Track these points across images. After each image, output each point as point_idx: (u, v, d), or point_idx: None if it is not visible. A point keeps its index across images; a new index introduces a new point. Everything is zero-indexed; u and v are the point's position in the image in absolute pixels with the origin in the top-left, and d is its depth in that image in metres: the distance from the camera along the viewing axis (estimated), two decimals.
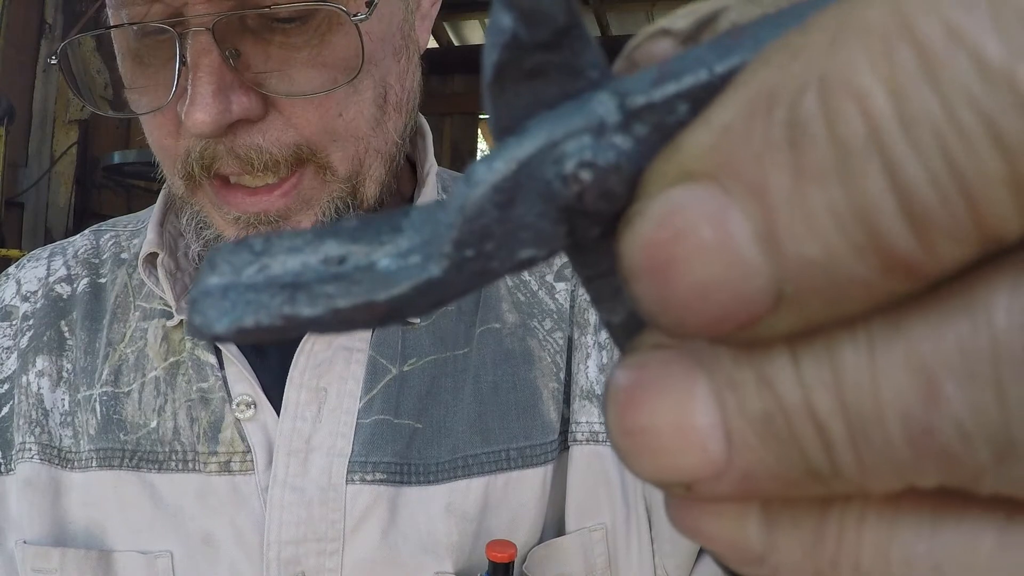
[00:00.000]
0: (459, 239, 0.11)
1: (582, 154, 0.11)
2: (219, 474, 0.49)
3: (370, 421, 0.48)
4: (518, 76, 0.11)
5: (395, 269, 0.11)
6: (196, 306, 0.12)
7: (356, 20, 0.42)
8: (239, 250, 0.12)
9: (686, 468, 0.11)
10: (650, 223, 0.10)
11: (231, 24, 0.41)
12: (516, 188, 0.11)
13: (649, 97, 0.11)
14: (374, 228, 0.12)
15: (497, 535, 0.48)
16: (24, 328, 0.54)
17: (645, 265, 0.10)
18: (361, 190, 0.47)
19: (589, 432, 0.50)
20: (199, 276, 0.12)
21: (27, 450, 0.51)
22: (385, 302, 0.11)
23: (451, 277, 0.11)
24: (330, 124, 0.44)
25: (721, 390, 0.11)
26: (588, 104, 0.11)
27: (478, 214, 0.11)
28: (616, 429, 0.11)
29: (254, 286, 0.12)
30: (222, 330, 0.11)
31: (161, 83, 0.44)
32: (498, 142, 0.12)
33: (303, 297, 0.11)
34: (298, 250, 0.12)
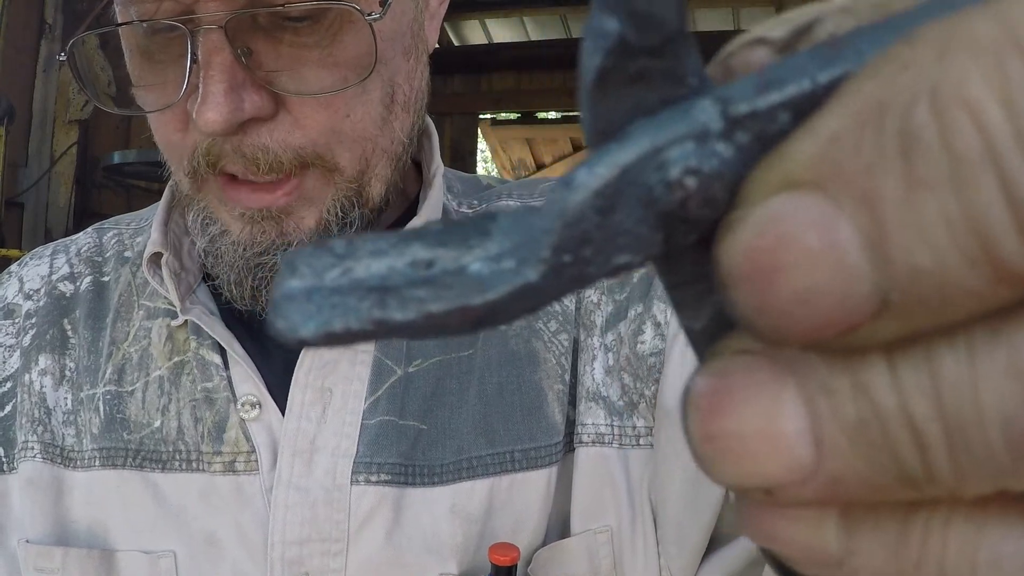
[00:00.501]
0: (558, 244, 0.11)
1: (687, 161, 0.11)
2: (223, 474, 0.48)
3: (375, 422, 0.48)
4: (619, 81, 0.11)
5: (488, 274, 0.11)
6: (279, 309, 0.11)
7: (370, 19, 0.42)
8: (319, 253, 0.12)
9: (771, 473, 0.11)
10: (753, 230, 0.10)
11: (242, 22, 0.41)
12: (617, 194, 0.11)
13: (752, 106, 0.11)
14: (461, 232, 0.12)
15: (501, 537, 0.48)
16: (27, 326, 0.54)
17: (746, 271, 0.10)
18: (367, 190, 0.47)
19: (595, 434, 0.50)
20: (278, 279, 0.12)
21: (29, 449, 0.51)
22: (480, 307, 0.11)
23: (547, 282, 0.11)
24: (337, 125, 0.44)
25: (813, 396, 0.11)
26: (691, 111, 0.11)
27: (579, 219, 0.11)
28: (698, 435, 0.11)
29: (339, 289, 0.11)
30: (309, 334, 0.11)
31: (170, 80, 0.43)
32: (596, 147, 0.12)
33: (393, 301, 0.11)
34: (383, 253, 0.12)
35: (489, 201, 0.57)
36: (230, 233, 0.46)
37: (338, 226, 0.47)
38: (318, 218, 0.46)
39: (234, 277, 0.47)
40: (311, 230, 0.46)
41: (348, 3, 0.41)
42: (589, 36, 0.11)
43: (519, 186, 0.60)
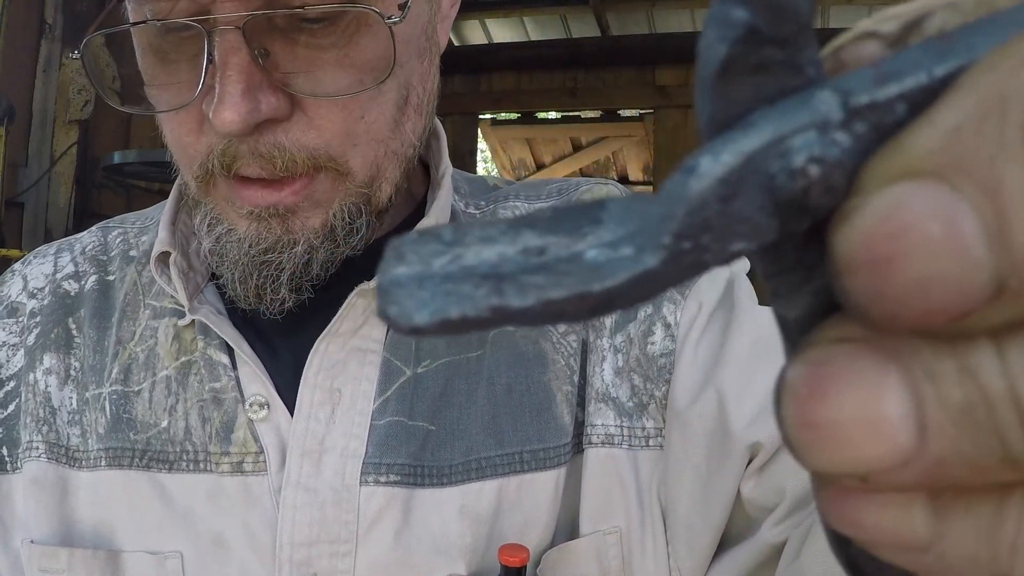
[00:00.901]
0: (680, 230, 0.11)
1: (810, 149, 0.11)
2: (231, 475, 0.48)
3: (384, 423, 0.48)
4: (742, 70, 0.11)
5: (605, 260, 0.11)
6: (389, 296, 0.11)
7: (390, 22, 0.42)
8: (427, 240, 0.12)
9: (871, 458, 0.11)
10: (872, 218, 0.11)
11: (259, 23, 0.41)
12: (741, 181, 0.11)
13: (872, 97, 0.11)
14: (571, 219, 0.12)
15: (510, 538, 0.48)
16: (31, 325, 0.54)
17: (864, 259, 0.11)
18: (377, 194, 0.47)
19: (604, 435, 0.49)
20: (384, 265, 0.12)
21: (34, 448, 0.51)
22: (600, 293, 0.11)
23: (666, 269, 0.11)
24: (351, 127, 0.44)
25: (917, 381, 0.11)
26: (812, 101, 0.11)
27: (701, 206, 0.11)
28: (796, 422, 0.12)
29: (450, 276, 0.11)
30: (423, 321, 0.11)
31: (184, 80, 0.43)
32: (714, 135, 0.12)
33: (511, 288, 0.11)
34: (493, 240, 0.12)
35: (497, 202, 0.57)
36: (235, 231, 0.46)
37: (344, 230, 0.46)
38: (324, 220, 0.46)
39: (238, 275, 0.47)
40: (316, 230, 0.46)
41: (367, 6, 0.41)
42: (715, 24, 0.12)
43: (525, 187, 0.59)
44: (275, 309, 0.47)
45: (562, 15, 4.24)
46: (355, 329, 0.49)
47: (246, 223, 0.46)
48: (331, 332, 0.49)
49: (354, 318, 0.49)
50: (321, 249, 0.46)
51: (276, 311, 0.48)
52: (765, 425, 0.46)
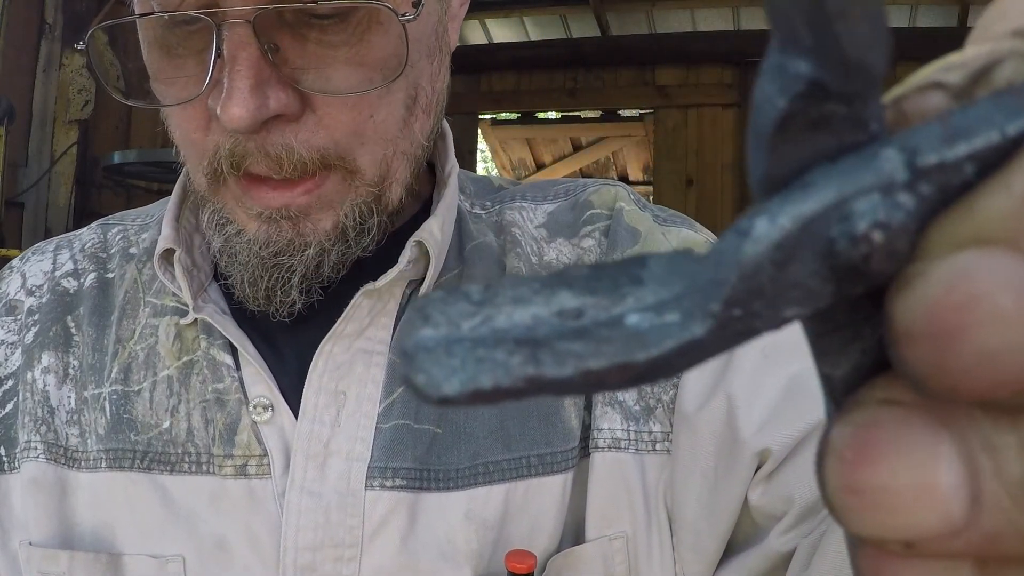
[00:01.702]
0: (731, 297, 0.11)
1: (875, 214, 0.11)
2: (234, 477, 0.48)
3: (390, 426, 0.48)
4: (800, 126, 0.11)
5: (648, 327, 0.10)
6: (416, 363, 0.11)
7: (403, 20, 0.41)
8: (454, 299, 0.11)
9: (920, 527, 0.11)
10: (937, 286, 0.10)
11: (269, 17, 0.40)
12: (797, 246, 0.11)
13: (940, 156, 0.11)
14: (609, 278, 0.11)
15: (516, 543, 0.47)
16: (29, 323, 0.53)
17: (928, 330, 0.10)
18: (387, 194, 0.47)
19: (611, 439, 0.49)
20: (409, 327, 0.11)
21: (32, 449, 0.50)
22: (644, 363, 0.10)
23: (714, 337, 0.11)
24: (361, 126, 0.43)
25: (975, 452, 0.10)
26: (875, 160, 0.11)
27: (755, 271, 0.11)
28: (840, 486, 0.11)
29: (481, 340, 0.10)
30: (453, 391, 0.10)
31: (191, 75, 0.43)
32: (769, 194, 0.11)
33: (547, 356, 0.10)
34: (526, 301, 0.11)
35: (503, 202, 0.57)
36: (245, 232, 0.46)
37: (355, 231, 0.46)
38: (335, 221, 0.45)
39: (248, 277, 0.46)
40: (328, 232, 0.45)
41: (380, 2, 0.41)
42: (773, 76, 0.11)
43: (532, 188, 0.59)
44: (284, 311, 0.47)
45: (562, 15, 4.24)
46: (360, 330, 0.49)
47: (256, 224, 0.45)
48: (336, 334, 0.48)
49: (359, 319, 0.48)
50: (333, 251, 0.46)
51: (285, 313, 0.47)
52: (774, 432, 0.45)
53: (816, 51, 0.11)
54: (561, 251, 0.53)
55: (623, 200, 0.55)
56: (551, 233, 0.54)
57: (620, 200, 0.55)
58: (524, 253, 0.53)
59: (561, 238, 0.54)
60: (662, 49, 4.03)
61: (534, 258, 0.53)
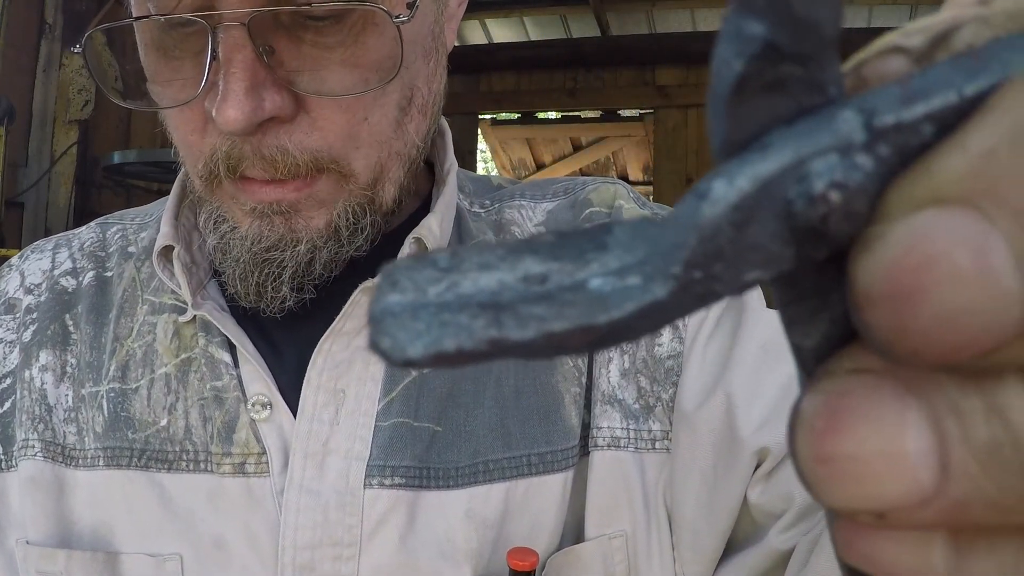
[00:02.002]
0: (690, 259, 0.11)
1: (832, 174, 0.11)
2: (233, 476, 0.48)
3: (389, 424, 0.48)
4: (758, 88, 0.11)
5: (610, 290, 0.10)
6: (381, 326, 0.11)
7: (398, 21, 0.41)
8: (421, 266, 0.11)
9: (889, 496, 0.10)
10: (896, 248, 0.10)
11: (264, 19, 0.40)
12: (755, 207, 0.10)
13: (898, 117, 0.11)
14: (575, 245, 0.11)
15: (517, 542, 0.47)
16: (27, 321, 0.53)
17: (887, 291, 0.10)
18: (380, 196, 0.47)
19: (610, 437, 0.49)
20: (377, 293, 0.11)
21: (30, 447, 0.50)
22: (605, 325, 0.10)
23: (675, 299, 0.11)
24: (354, 129, 0.43)
25: (940, 417, 0.10)
26: (833, 121, 0.11)
27: (714, 233, 0.10)
28: (810, 456, 0.11)
29: (446, 305, 0.11)
30: (417, 354, 0.10)
31: (187, 77, 0.43)
32: (728, 157, 0.11)
33: (509, 319, 0.10)
34: (491, 267, 0.11)
35: (502, 201, 0.57)
36: (239, 229, 0.46)
37: (348, 230, 0.46)
38: (328, 220, 0.45)
39: (240, 272, 0.46)
40: (320, 230, 0.45)
41: (375, 4, 0.41)
42: (729, 39, 0.11)
43: (531, 186, 0.59)
44: (275, 307, 0.47)
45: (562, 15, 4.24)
46: (359, 328, 0.48)
47: (249, 220, 0.45)
48: (335, 331, 0.48)
49: (358, 317, 0.48)
50: (325, 249, 0.46)
51: (276, 309, 0.47)
52: (773, 430, 0.45)
53: (768, 11, 0.11)
54: None
55: (622, 198, 0.55)
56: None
57: (619, 198, 0.55)
58: None
59: None
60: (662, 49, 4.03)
61: None
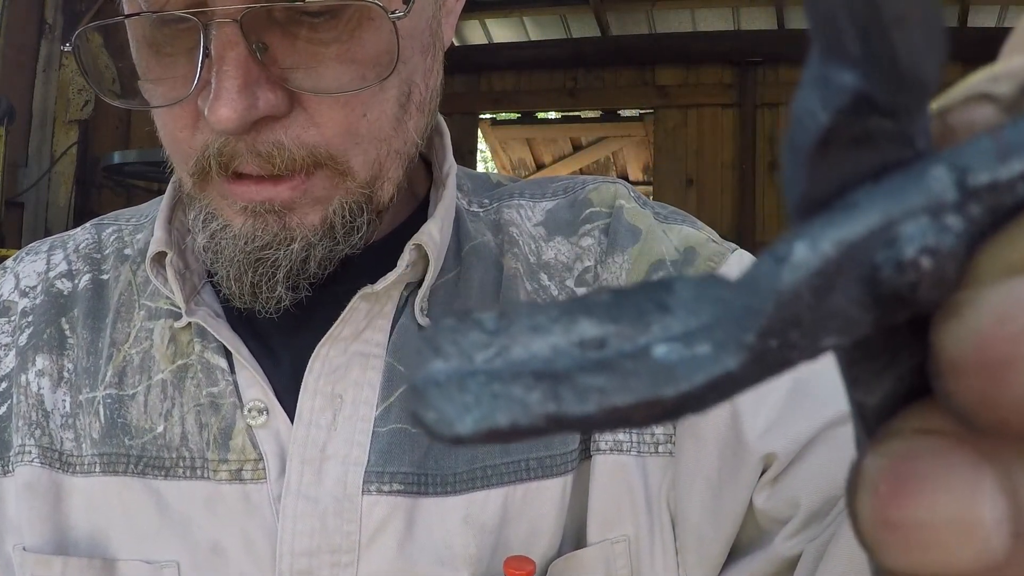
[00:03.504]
0: (767, 327, 0.10)
1: (924, 238, 0.10)
2: (229, 482, 0.47)
3: (387, 430, 0.47)
4: (843, 142, 0.10)
5: (677, 359, 0.10)
6: (426, 399, 0.10)
7: (394, 17, 0.41)
8: (466, 328, 0.10)
9: (958, 563, 0.10)
10: (988, 316, 0.09)
11: (258, 16, 0.39)
12: (839, 272, 0.10)
13: (993, 175, 0.10)
14: (633, 305, 0.10)
15: (516, 547, 0.47)
16: (23, 325, 0.52)
17: (976, 361, 0.09)
18: (379, 193, 0.46)
19: (613, 442, 0.48)
20: (418, 359, 0.10)
21: (27, 453, 0.49)
22: (672, 399, 0.10)
23: (748, 370, 0.10)
24: (353, 125, 0.43)
25: (1019, 486, 0.10)
26: (923, 179, 0.10)
27: (793, 300, 0.10)
28: (874, 520, 0.10)
29: (497, 375, 0.10)
30: (467, 431, 0.10)
31: (179, 75, 0.42)
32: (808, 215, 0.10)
33: (568, 392, 0.10)
34: (543, 330, 0.10)
35: (501, 200, 0.56)
36: (231, 227, 0.45)
37: (344, 228, 0.45)
38: (323, 216, 0.45)
39: (233, 272, 0.45)
40: (315, 227, 0.44)
41: (371, 0, 0.40)
42: (815, 87, 0.10)
43: (530, 185, 0.58)
44: (271, 307, 0.46)
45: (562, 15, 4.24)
46: (357, 333, 0.48)
47: (241, 219, 0.44)
48: (332, 336, 0.48)
49: (356, 322, 0.48)
50: (319, 247, 0.45)
51: (272, 309, 0.46)
52: (779, 435, 0.45)
53: (865, 61, 0.10)
54: (560, 250, 0.53)
55: (623, 198, 0.55)
56: (549, 232, 0.54)
57: (620, 198, 0.55)
58: (522, 253, 0.52)
59: (560, 236, 0.53)
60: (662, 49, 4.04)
61: (532, 258, 0.52)
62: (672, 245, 0.52)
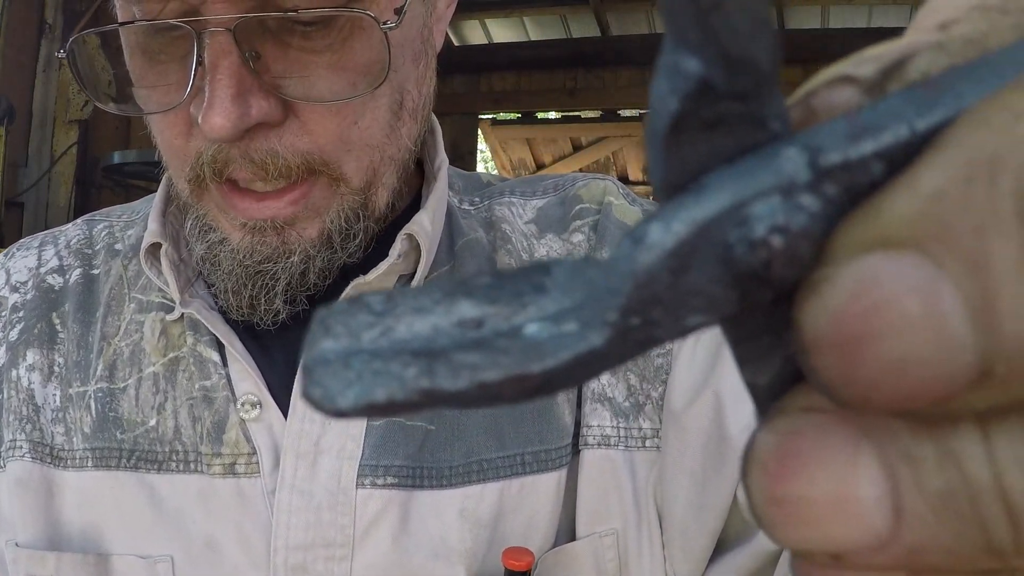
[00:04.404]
0: (627, 306, 0.10)
1: (773, 217, 0.10)
2: (223, 476, 0.47)
3: (381, 423, 0.47)
4: (696, 126, 0.10)
5: (547, 337, 0.10)
6: (313, 376, 0.10)
7: (386, 28, 0.41)
8: (356, 310, 0.11)
9: (842, 539, 0.10)
10: (842, 293, 0.10)
11: (250, 25, 0.40)
12: (694, 252, 0.10)
13: (845, 155, 0.10)
14: (512, 287, 0.11)
15: (512, 541, 0.47)
16: (14, 320, 0.53)
17: (833, 338, 0.10)
18: (373, 200, 0.47)
19: (600, 436, 0.49)
20: (310, 339, 0.11)
21: (18, 448, 0.50)
22: (540, 374, 0.10)
23: (613, 347, 0.10)
24: (345, 132, 0.43)
25: (894, 462, 0.10)
26: (775, 160, 0.10)
27: (650, 280, 0.10)
28: (763, 496, 0.11)
29: (379, 353, 0.10)
30: (347, 404, 0.10)
31: (173, 81, 0.42)
32: (666, 198, 0.11)
33: (442, 368, 0.10)
34: (426, 311, 0.11)
35: (492, 198, 0.56)
36: (229, 241, 0.45)
37: (341, 236, 0.46)
38: (321, 228, 0.45)
39: (232, 286, 0.46)
40: (313, 240, 0.45)
41: (361, 10, 0.40)
42: (665, 76, 0.10)
43: (520, 183, 0.59)
44: (268, 320, 0.47)
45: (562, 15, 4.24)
46: None
47: (240, 234, 0.45)
48: None
49: None
50: (318, 258, 0.45)
51: (270, 321, 0.47)
52: None
53: (702, 48, 0.10)
54: (551, 247, 0.53)
55: (612, 194, 0.55)
56: (541, 229, 0.54)
57: (609, 194, 0.55)
58: (515, 249, 0.53)
59: (551, 234, 0.54)
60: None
61: (524, 255, 0.53)
62: None
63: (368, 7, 0.41)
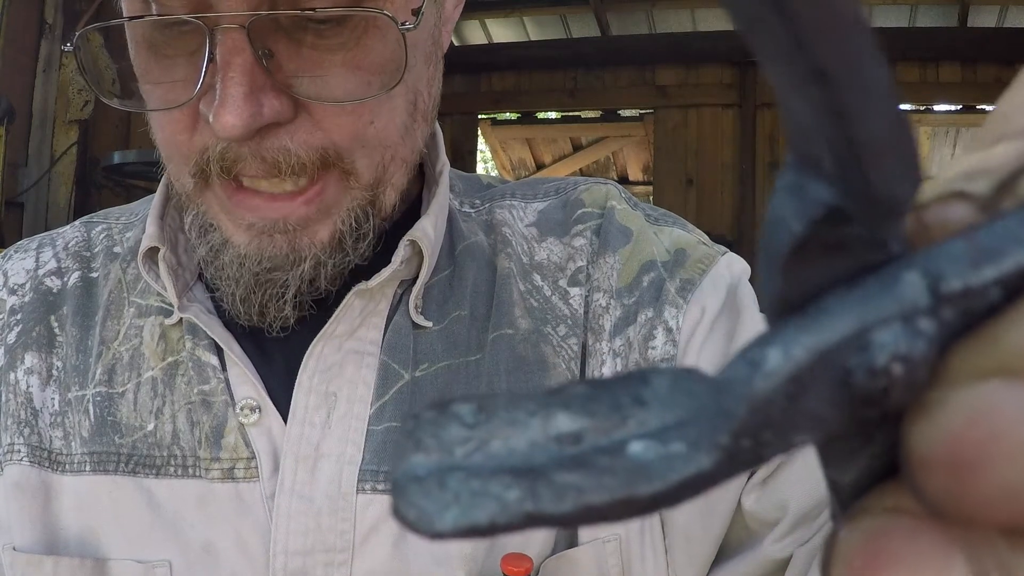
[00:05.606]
0: (739, 430, 0.10)
1: (896, 346, 0.10)
2: (222, 481, 0.47)
3: (382, 428, 0.47)
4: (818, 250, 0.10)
5: (653, 457, 0.10)
6: (406, 496, 0.10)
7: (403, 29, 0.40)
8: (445, 421, 0.10)
9: None
10: (959, 417, 0.09)
11: (264, 22, 0.39)
12: (812, 378, 0.10)
13: (966, 281, 0.10)
14: (609, 398, 0.10)
15: (511, 546, 0.47)
16: (11, 323, 0.52)
17: (946, 459, 0.10)
18: (381, 198, 0.46)
19: None
20: (398, 452, 0.10)
21: (16, 452, 0.49)
22: (648, 497, 0.10)
23: (720, 469, 0.10)
24: (361, 131, 0.42)
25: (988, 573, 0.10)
26: (896, 285, 0.10)
27: (766, 405, 0.10)
28: None
29: (476, 471, 0.10)
30: (446, 528, 0.10)
31: (180, 78, 0.42)
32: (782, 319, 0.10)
33: (545, 490, 0.10)
34: (521, 424, 0.10)
35: (493, 200, 0.56)
36: (234, 245, 0.44)
37: (352, 237, 0.45)
38: (332, 231, 0.44)
39: (240, 293, 0.45)
40: (324, 244, 0.44)
41: (378, 9, 0.40)
42: (789, 196, 0.10)
43: (521, 186, 0.58)
44: (277, 326, 0.46)
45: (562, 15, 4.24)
46: (351, 331, 0.48)
47: (246, 237, 0.44)
48: (327, 334, 0.47)
49: (350, 319, 0.48)
50: (329, 263, 0.45)
51: (278, 328, 0.46)
52: None
53: (839, 180, 0.10)
54: (552, 250, 0.53)
55: (614, 199, 0.55)
56: (542, 232, 0.54)
57: (611, 199, 0.55)
58: (515, 253, 0.52)
59: (552, 237, 0.53)
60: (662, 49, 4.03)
61: (525, 258, 0.52)
62: (663, 247, 0.52)
63: (383, 6, 0.40)
